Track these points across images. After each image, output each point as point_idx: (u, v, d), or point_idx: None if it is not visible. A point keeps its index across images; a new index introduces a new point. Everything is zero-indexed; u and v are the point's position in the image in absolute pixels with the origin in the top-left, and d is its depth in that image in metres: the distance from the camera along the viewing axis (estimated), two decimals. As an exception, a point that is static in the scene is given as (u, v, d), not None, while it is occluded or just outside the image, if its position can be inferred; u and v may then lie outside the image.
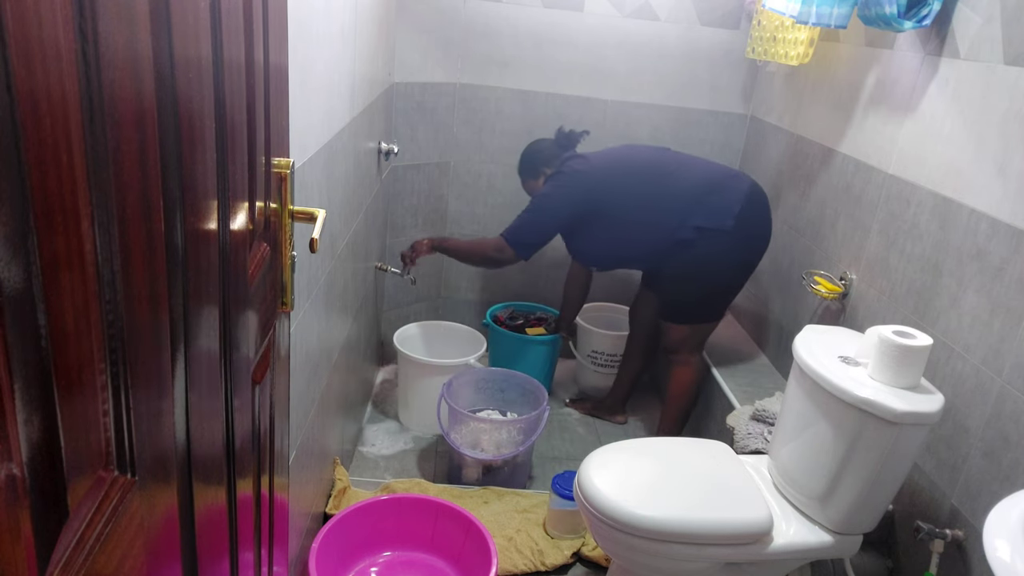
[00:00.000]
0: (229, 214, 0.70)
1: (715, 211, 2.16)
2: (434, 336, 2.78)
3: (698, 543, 1.54)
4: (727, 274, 2.27)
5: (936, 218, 1.70)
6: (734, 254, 2.22)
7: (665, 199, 2.20)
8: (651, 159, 2.29)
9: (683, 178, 2.21)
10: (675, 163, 2.26)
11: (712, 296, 2.31)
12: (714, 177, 2.22)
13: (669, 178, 2.22)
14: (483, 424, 2.27)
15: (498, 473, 2.29)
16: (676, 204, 2.19)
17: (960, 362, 1.57)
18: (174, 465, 0.59)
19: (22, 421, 0.37)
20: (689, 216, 2.17)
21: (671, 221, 2.19)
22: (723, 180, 2.21)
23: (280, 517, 1.08)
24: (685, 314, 2.33)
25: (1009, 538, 0.97)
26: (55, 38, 0.38)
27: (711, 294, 2.30)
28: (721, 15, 2.71)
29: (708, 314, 2.34)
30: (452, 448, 2.26)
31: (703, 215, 2.16)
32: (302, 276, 1.37)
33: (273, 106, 0.87)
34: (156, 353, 0.54)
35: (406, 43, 2.62)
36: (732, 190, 2.18)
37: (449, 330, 2.79)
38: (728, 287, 2.32)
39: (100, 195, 0.44)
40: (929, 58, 1.77)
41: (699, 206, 2.17)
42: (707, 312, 2.33)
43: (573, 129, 2.45)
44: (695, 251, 2.19)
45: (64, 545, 0.43)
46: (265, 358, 0.91)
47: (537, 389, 2.42)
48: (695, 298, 2.30)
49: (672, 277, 2.29)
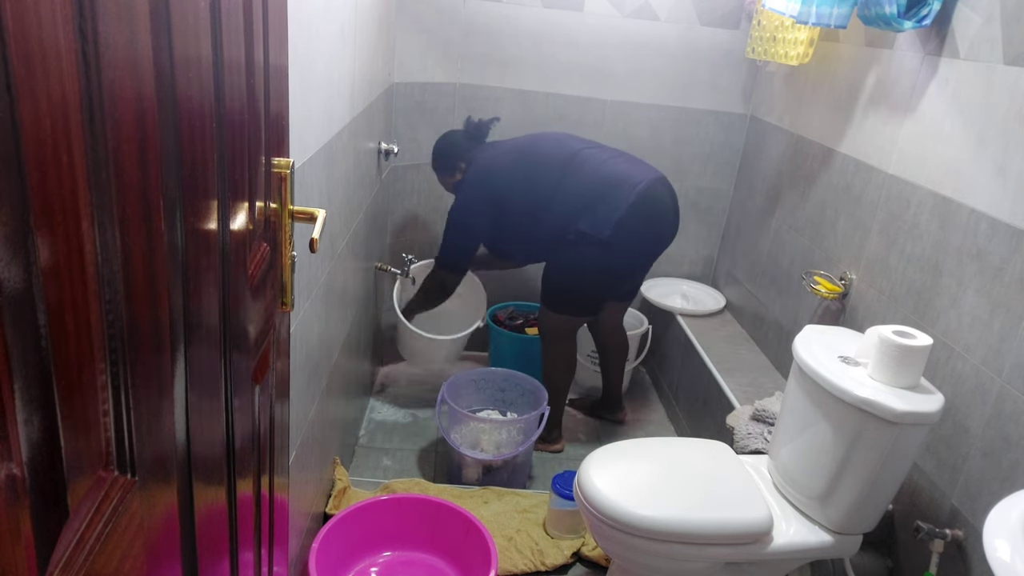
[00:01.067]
0: (229, 214, 0.70)
1: (598, 219, 2.22)
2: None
3: (698, 543, 1.54)
4: (598, 279, 2.35)
5: (936, 218, 1.70)
6: (605, 262, 2.28)
7: (555, 202, 2.27)
8: (556, 155, 2.32)
9: (577, 181, 2.26)
10: (578, 162, 2.29)
11: (576, 296, 2.40)
12: (607, 182, 2.24)
13: (565, 179, 2.27)
14: (483, 424, 2.27)
15: (498, 473, 2.29)
16: (564, 208, 2.26)
17: (960, 362, 1.57)
18: (174, 465, 0.59)
19: (22, 421, 0.37)
20: (575, 220, 2.24)
21: (558, 223, 2.27)
22: (613, 187, 2.23)
23: (280, 517, 1.08)
24: (558, 304, 2.41)
25: (1009, 538, 0.97)
26: (55, 38, 0.38)
27: (575, 294, 2.39)
28: (721, 15, 2.71)
29: (579, 310, 2.44)
30: (452, 448, 2.26)
31: (587, 221, 2.23)
32: (302, 276, 1.37)
33: (273, 106, 0.87)
34: (156, 353, 0.54)
35: (406, 43, 2.62)
36: (618, 199, 2.21)
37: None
38: (599, 290, 2.41)
39: (100, 195, 0.44)
40: (929, 58, 1.77)
41: (586, 212, 2.23)
42: (571, 307, 2.42)
43: (482, 118, 2.50)
44: (573, 252, 2.27)
45: (64, 545, 0.43)
46: (265, 358, 0.91)
47: (537, 389, 2.42)
48: (561, 293, 2.39)
49: (554, 268, 2.39)
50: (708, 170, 2.92)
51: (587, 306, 2.44)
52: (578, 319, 2.46)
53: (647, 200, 2.23)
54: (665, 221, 2.32)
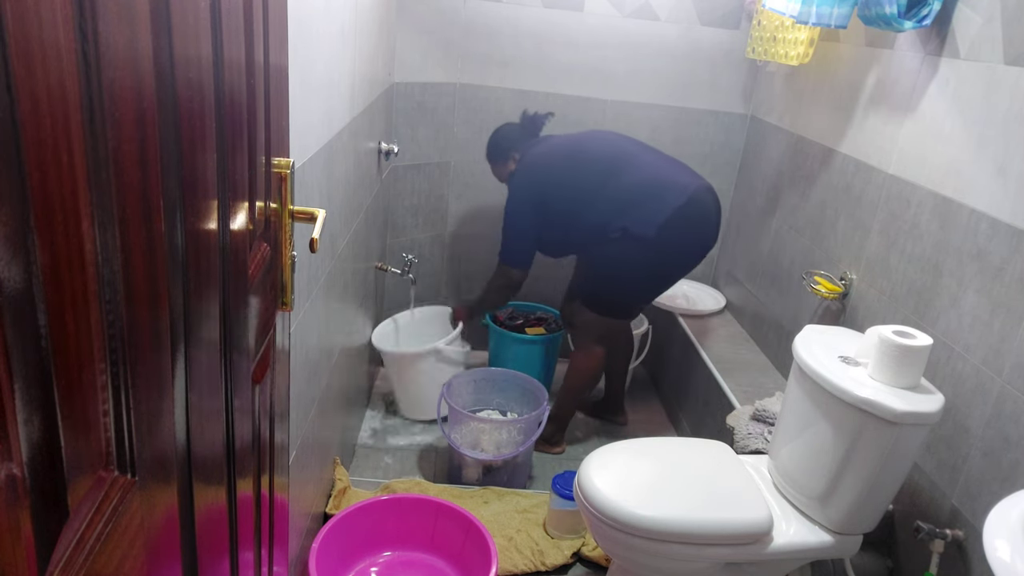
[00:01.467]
0: (229, 214, 0.70)
1: (644, 218, 2.20)
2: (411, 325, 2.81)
3: (698, 543, 1.54)
4: (640, 280, 2.34)
5: (936, 218, 1.70)
6: (647, 261, 2.27)
7: (601, 200, 2.25)
8: (606, 153, 2.31)
9: (627, 179, 2.25)
10: (627, 161, 2.28)
11: (616, 295, 2.38)
12: (656, 183, 2.24)
13: (613, 178, 2.26)
14: (483, 424, 2.27)
15: (498, 473, 2.29)
16: (610, 205, 2.24)
17: (960, 362, 1.57)
18: (174, 465, 0.59)
19: (22, 421, 0.37)
20: (621, 217, 2.22)
21: (603, 218, 2.25)
22: (662, 189, 2.22)
23: (280, 517, 1.08)
24: (597, 304, 2.39)
25: (1009, 538, 0.97)
26: (55, 38, 0.38)
27: (616, 293, 2.38)
28: (721, 15, 2.71)
29: (618, 311, 2.43)
30: (452, 448, 2.26)
31: (633, 219, 2.21)
32: (302, 276, 1.37)
33: (273, 106, 0.87)
34: (156, 353, 0.54)
35: (406, 43, 2.62)
36: (666, 201, 2.20)
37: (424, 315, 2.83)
38: (639, 292, 2.40)
39: (100, 195, 0.44)
40: (929, 58, 1.77)
41: (633, 209, 2.22)
42: (610, 308, 2.40)
43: (537, 112, 2.50)
44: (615, 249, 2.26)
45: (64, 545, 0.43)
46: (265, 358, 0.91)
47: (537, 389, 2.42)
48: (601, 291, 2.38)
49: (594, 266, 2.37)
50: (708, 170, 2.91)
51: (627, 307, 2.44)
52: (615, 321, 2.45)
53: (695, 205, 2.22)
54: (708, 229, 2.31)
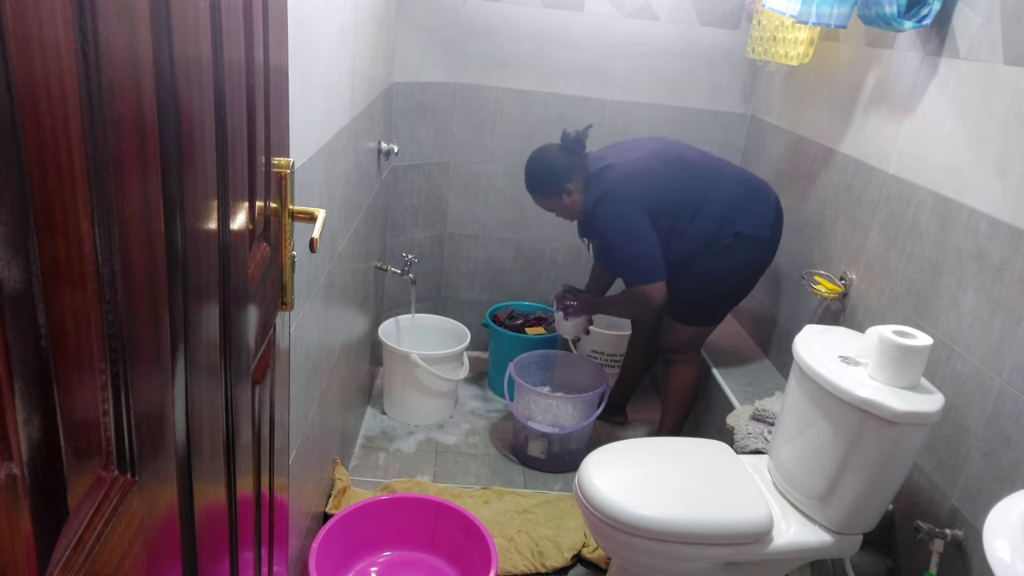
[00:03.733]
0: (229, 214, 0.70)
1: (753, 220, 2.20)
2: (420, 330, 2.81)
3: (698, 543, 1.54)
4: (748, 280, 2.32)
5: (936, 218, 1.70)
6: (759, 262, 2.27)
7: (708, 207, 2.20)
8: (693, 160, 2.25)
9: (725, 184, 2.23)
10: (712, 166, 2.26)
11: (726, 300, 2.36)
12: (748, 185, 2.25)
13: (713, 184, 2.21)
14: (549, 400, 2.44)
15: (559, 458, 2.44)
16: (719, 211, 2.20)
17: (960, 362, 1.57)
18: (174, 465, 0.59)
19: (22, 421, 0.37)
20: (731, 222, 2.20)
21: (714, 227, 2.20)
22: (756, 190, 2.25)
23: (280, 517, 1.08)
24: (697, 316, 2.35)
25: (1009, 538, 0.97)
26: (55, 38, 0.38)
27: (726, 298, 2.35)
28: (721, 15, 2.70)
29: (716, 317, 2.38)
30: (518, 423, 2.42)
31: (743, 222, 2.20)
32: (302, 276, 1.37)
33: (273, 106, 0.87)
34: (156, 353, 0.54)
35: (406, 43, 2.62)
36: (762, 201, 2.23)
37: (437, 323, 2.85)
38: (742, 293, 2.37)
39: (100, 195, 0.44)
40: (929, 58, 1.77)
41: (739, 214, 2.20)
42: (716, 315, 2.37)
43: (577, 129, 2.22)
44: (728, 256, 2.21)
45: (64, 545, 0.43)
46: (265, 358, 0.91)
47: (597, 371, 2.58)
48: (710, 301, 2.33)
49: (696, 277, 2.26)
50: (708, 170, 2.92)
51: (726, 310, 2.40)
52: (709, 329, 2.40)
53: (776, 199, 2.28)
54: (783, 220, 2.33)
